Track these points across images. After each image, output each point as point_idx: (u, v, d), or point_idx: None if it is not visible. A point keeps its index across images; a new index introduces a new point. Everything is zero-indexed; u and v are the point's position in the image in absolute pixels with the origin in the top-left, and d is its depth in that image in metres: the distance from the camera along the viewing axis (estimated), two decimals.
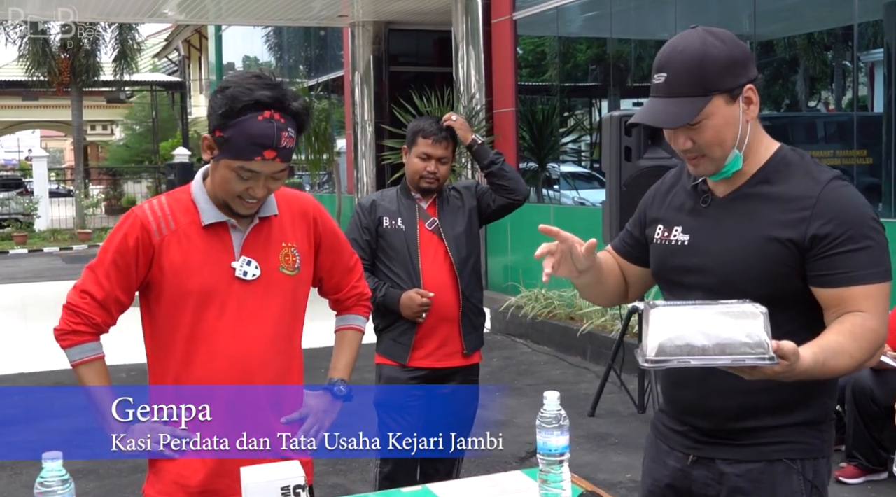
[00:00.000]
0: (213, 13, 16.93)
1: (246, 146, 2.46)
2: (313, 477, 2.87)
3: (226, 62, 26.76)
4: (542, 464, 2.40)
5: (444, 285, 4.18)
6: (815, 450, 2.31)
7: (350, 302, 3.01)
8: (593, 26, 11.65)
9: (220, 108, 2.47)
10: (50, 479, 2.06)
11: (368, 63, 15.55)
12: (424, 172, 4.18)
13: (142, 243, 2.55)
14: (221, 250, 2.60)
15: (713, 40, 2.25)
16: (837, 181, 2.26)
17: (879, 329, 2.20)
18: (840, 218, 2.21)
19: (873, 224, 2.24)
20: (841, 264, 2.21)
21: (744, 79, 2.26)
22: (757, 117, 2.32)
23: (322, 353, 9.30)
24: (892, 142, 7.47)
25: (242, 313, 2.61)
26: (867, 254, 2.21)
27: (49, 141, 57.97)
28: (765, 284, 2.26)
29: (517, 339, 9.85)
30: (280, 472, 2.35)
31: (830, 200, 2.23)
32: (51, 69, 29.15)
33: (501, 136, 12.02)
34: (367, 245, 4.23)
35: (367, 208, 4.26)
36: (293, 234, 2.72)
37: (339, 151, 17.39)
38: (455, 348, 4.21)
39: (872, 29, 7.91)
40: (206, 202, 2.60)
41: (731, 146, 2.29)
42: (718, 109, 2.25)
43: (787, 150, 2.35)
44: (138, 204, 2.68)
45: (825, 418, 2.33)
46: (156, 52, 37.07)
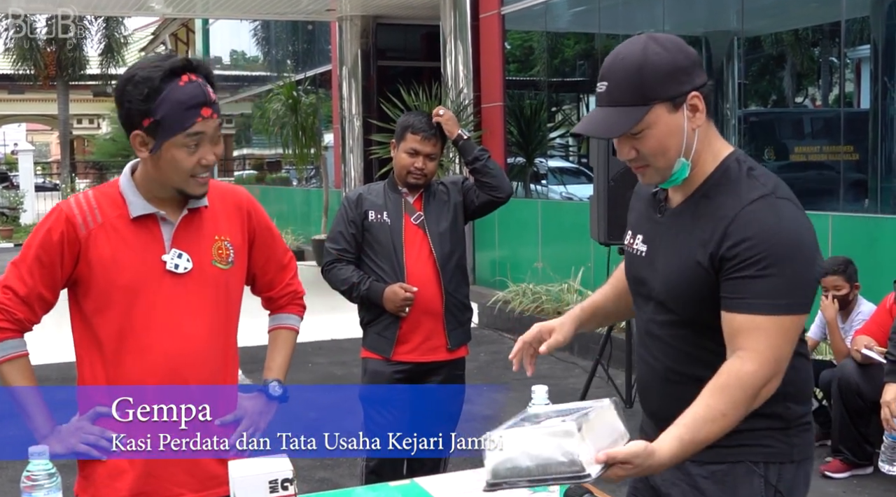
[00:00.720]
0: (200, 7, 16.88)
1: (182, 113, 2.39)
2: (296, 472, 2.86)
3: (213, 56, 26.68)
4: None
5: (428, 280, 4.19)
6: (781, 454, 2.25)
7: (284, 300, 2.92)
8: (581, 21, 11.65)
9: (137, 95, 2.38)
10: (37, 472, 2.06)
11: (356, 57, 15.52)
12: (412, 168, 4.18)
13: (67, 238, 2.46)
14: (151, 243, 2.52)
15: (655, 47, 2.17)
16: (765, 200, 2.15)
17: (759, 371, 2.10)
18: (751, 241, 2.11)
19: (791, 252, 2.11)
20: (737, 289, 2.13)
21: (687, 86, 2.18)
22: (709, 122, 2.25)
23: (308, 347, 9.20)
24: (879, 138, 7.49)
25: (174, 308, 2.53)
26: (768, 283, 2.10)
27: (35, 135, 57.73)
28: (690, 307, 2.24)
29: (505, 334, 9.85)
30: (268, 465, 2.34)
31: (745, 221, 2.13)
32: (37, 63, 29.06)
33: (489, 131, 12.01)
34: (352, 238, 4.25)
35: (354, 202, 4.28)
36: (227, 228, 2.64)
37: (326, 146, 17.35)
38: (439, 343, 4.23)
39: (859, 25, 7.94)
40: (135, 195, 2.52)
41: (675, 155, 2.21)
42: (660, 118, 2.18)
43: (732, 161, 2.25)
44: (68, 197, 2.58)
45: (794, 424, 2.27)
46: (143, 45, 36.88)
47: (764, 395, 2.12)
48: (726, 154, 2.27)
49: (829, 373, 5.64)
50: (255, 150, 24.36)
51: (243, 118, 24.78)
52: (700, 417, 2.09)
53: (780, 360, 2.13)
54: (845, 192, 7.78)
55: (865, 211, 7.51)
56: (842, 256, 5.98)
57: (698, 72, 2.21)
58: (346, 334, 9.42)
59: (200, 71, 2.46)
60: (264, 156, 23.30)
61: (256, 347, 3.73)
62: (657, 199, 2.38)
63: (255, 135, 23.41)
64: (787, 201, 2.17)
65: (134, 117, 2.41)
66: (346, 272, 4.23)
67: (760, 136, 9.10)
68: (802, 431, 2.29)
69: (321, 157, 16.66)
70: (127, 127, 2.45)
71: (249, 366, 8.44)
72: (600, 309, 2.73)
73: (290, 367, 2.91)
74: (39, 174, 37.04)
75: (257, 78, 23.38)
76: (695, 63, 2.21)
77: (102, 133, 50.70)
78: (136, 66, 2.45)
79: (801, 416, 2.29)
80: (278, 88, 16.36)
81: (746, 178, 2.21)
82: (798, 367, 2.25)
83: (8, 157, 48.71)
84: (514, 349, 2.74)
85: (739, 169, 2.23)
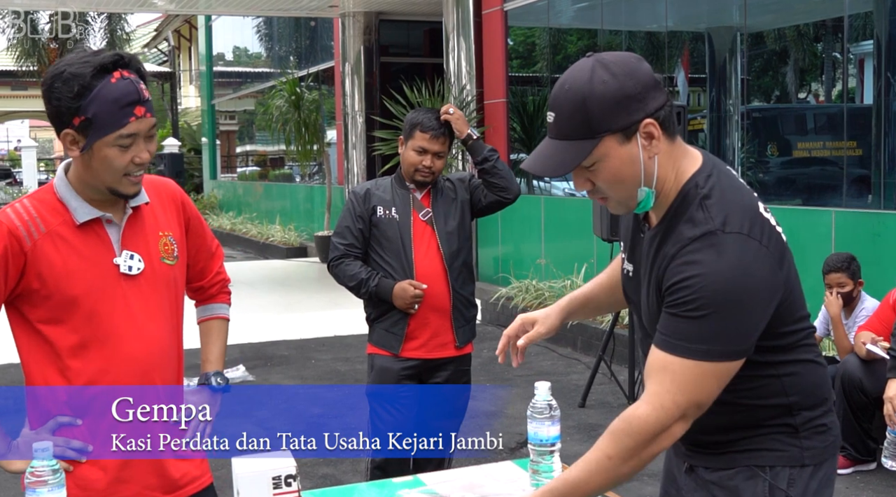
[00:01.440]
0: (203, 3, 16.87)
1: (115, 112, 2.29)
2: (299, 468, 2.87)
3: (216, 52, 26.66)
4: (533, 454, 2.41)
5: (436, 277, 4.20)
6: (791, 458, 2.18)
7: (214, 289, 2.83)
8: (584, 17, 11.65)
9: (68, 92, 2.27)
10: (41, 469, 2.06)
11: (359, 54, 15.51)
12: (420, 166, 4.18)
13: (11, 252, 2.33)
14: (101, 248, 2.42)
15: (602, 75, 2.03)
16: (706, 239, 2.02)
17: (651, 415, 2.01)
18: (682, 283, 2.01)
19: (723, 298, 1.98)
20: (662, 324, 2.06)
21: (639, 114, 2.02)
22: (673, 142, 2.12)
23: (311, 343, 9.21)
24: (882, 133, 7.49)
25: (133, 311, 2.45)
26: (691, 325, 2.00)
27: (38, 131, 57.70)
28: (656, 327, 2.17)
29: None
30: (271, 462, 2.35)
31: (681, 263, 2.03)
32: (40, 59, 29.05)
33: (492, 127, 12.01)
34: (360, 234, 4.24)
35: (362, 197, 4.26)
36: (167, 222, 2.57)
37: (329, 142, 17.35)
38: (447, 339, 4.25)
39: (862, 21, 7.93)
40: (76, 199, 2.40)
41: (633, 185, 2.09)
42: (611, 150, 2.04)
43: (692, 186, 2.10)
44: (4, 207, 2.42)
45: (804, 428, 2.20)
46: (145, 42, 36.89)
47: (664, 440, 2.04)
48: (688, 177, 2.12)
49: (832, 369, 5.64)
50: (258, 147, 24.35)
51: (246, 115, 24.78)
52: (583, 464, 2.08)
53: (682, 405, 2.02)
54: (848, 187, 7.78)
55: (868, 207, 7.50)
56: (845, 253, 5.98)
57: (652, 95, 2.05)
58: (349, 331, 9.43)
59: (132, 66, 2.35)
60: (267, 152, 23.29)
61: (262, 344, 3.73)
62: (639, 219, 2.27)
63: (257, 131, 23.41)
64: (737, 236, 2.01)
65: (64, 115, 2.30)
66: (354, 268, 4.22)
67: (763, 132, 9.09)
68: (816, 434, 2.21)
69: (324, 154, 16.66)
70: (56, 125, 2.33)
71: (253, 362, 8.48)
72: (592, 300, 2.71)
73: (294, 363, 2.91)
74: (42, 170, 37.07)
75: (260, 74, 23.37)
76: (647, 87, 2.04)
77: None
78: (65, 62, 2.32)
79: (811, 420, 2.20)
80: (281, 85, 16.35)
81: (697, 208, 2.06)
82: (802, 373, 2.19)
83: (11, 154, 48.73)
84: (500, 344, 2.68)
85: (696, 195, 2.08)
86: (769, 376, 2.15)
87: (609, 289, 2.65)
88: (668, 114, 2.08)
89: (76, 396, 2.39)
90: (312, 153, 16.34)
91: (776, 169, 8.76)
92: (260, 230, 19.55)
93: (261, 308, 11.30)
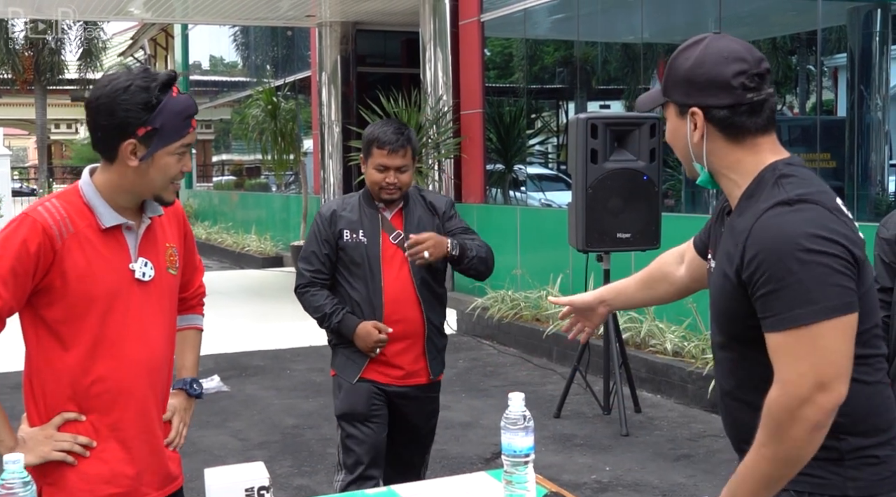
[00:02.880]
0: (179, 12, 16.83)
1: (180, 123, 2.48)
2: (273, 479, 2.88)
3: (192, 61, 26.60)
4: (507, 465, 2.40)
5: (407, 303, 4.00)
6: (832, 486, 2.11)
7: (194, 301, 2.99)
8: (560, 29, 11.68)
9: (137, 104, 2.42)
10: (12, 480, 2.04)
11: (336, 63, 15.51)
12: (384, 184, 3.96)
13: (43, 249, 2.43)
14: (120, 253, 2.55)
15: (694, 52, 2.19)
16: (779, 207, 2.05)
17: (781, 395, 2.01)
18: (761, 255, 2.03)
19: (790, 258, 1.99)
20: (761, 307, 2.05)
21: (692, 100, 2.18)
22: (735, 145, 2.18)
23: (287, 354, 9.15)
24: (855, 145, 7.55)
25: (143, 316, 2.58)
26: (779, 296, 2.00)
27: (12, 139, 57.32)
28: (729, 326, 2.19)
29: (483, 341, 9.85)
30: (244, 473, 2.34)
31: (756, 234, 2.05)
32: (15, 67, 28.94)
33: (468, 137, 12.03)
34: (326, 259, 4.03)
35: (328, 219, 4.04)
36: (172, 235, 2.73)
37: (305, 152, 17.33)
38: (418, 367, 4.07)
39: (836, 34, 7.99)
40: (103, 205, 2.53)
41: (683, 155, 2.26)
42: (670, 116, 2.26)
43: (768, 170, 2.16)
44: (32, 206, 2.54)
45: (850, 456, 2.11)
46: (121, 50, 36.73)
47: (814, 413, 1.99)
48: (765, 165, 2.17)
49: None
50: (234, 156, 24.31)
51: (222, 124, 24.72)
52: (746, 458, 2.09)
53: (807, 374, 1.99)
54: None
55: None
56: None
57: (714, 93, 2.15)
58: (324, 341, 9.36)
59: (177, 84, 2.54)
60: (243, 161, 23.24)
61: (237, 354, 3.72)
62: (723, 211, 2.32)
63: (234, 140, 23.35)
64: (810, 204, 2.05)
65: (130, 126, 2.44)
66: (319, 299, 4.04)
67: None
68: (866, 465, 2.12)
69: (300, 163, 16.64)
70: (115, 136, 2.46)
71: (228, 372, 8.44)
72: (622, 291, 2.84)
73: (269, 374, 2.95)
74: (16, 179, 36.84)
75: (237, 83, 23.33)
76: (713, 84, 2.15)
77: (80, 138, 50.42)
78: (122, 78, 2.47)
79: (861, 449, 2.11)
80: (258, 94, 16.33)
81: (773, 186, 2.11)
82: (857, 392, 2.07)
83: None
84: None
85: (772, 177, 2.14)
86: None
87: (641, 282, 2.79)
88: (731, 117, 2.15)
89: (82, 393, 2.51)
90: (289, 163, 16.32)
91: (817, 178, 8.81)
92: (235, 240, 19.49)
93: (236, 318, 11.25)
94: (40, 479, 2.49)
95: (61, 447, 2.48)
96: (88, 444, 2.52)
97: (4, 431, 2.44)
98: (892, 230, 3.39)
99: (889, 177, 7.67)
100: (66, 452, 2.49)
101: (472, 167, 12.08)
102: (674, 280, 2.71)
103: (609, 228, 6.63)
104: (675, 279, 2.70)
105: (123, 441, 2.56)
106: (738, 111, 2.14)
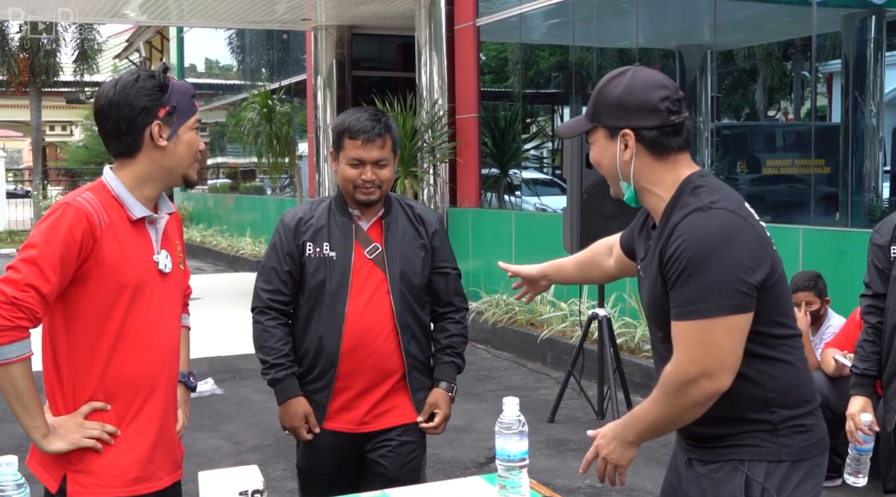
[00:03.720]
0: (174, 15, 16.81)
1: (188, 100, 2.67)
2: (267, 482, 2.91)
3: (187, 64, 26.57)
4: (501, 469, 2.41)
5: (381, 334, 3.31)
6: (768, 453, 2.39)
7: (184, 300, 3.02)
8: (556, 33, 11.70)
9: (151, 89, 2.59)
10: (5, 482, 2.04)
11: (331, 67, 15.52)
12: (359, 181, 3.27)
13: (86, 236, 2.51)
14: (145, 245, 2.66)
15: (621, 81, 2.42)
16: (697, 212, 2.31)
17: (676, 371, 2.32)
18: (676, 254, 2.31)
19: (707, 257, 2.27)
20: (672, 299, 2.34)
21: (623, 123, 2.41)
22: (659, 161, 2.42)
23: None
24: (849, 151, 7.56)
25: (163, 307, 2.69)
26: (687, 290, 2.29)
27: (7, 141, 57.21)
28: (664, 319, 2.40)
29: (477, 345, 9.85)
30: (238, 476, 2.34)
31: (676, 236, 2.32)
32: (10, 69, 28.89)
33: (464, 141, 12.03)
34: (287, 277, 3.36)
35: (291, 229, 3.38)
36: (177, 233, 2.85)
37: (300, 155, 17.31)
38: (396, 404, 3.39)
39: (831, 40, 8.01)
40: (131, 198, 2.64)
41: (611, 175, 2.49)
42: (598, 139, 2.49)
43: (685, 183, 2.41)
44: (69, 197, 2.60)
45: (782, 426, 2.40)
46: (116, 53, 36.70)
47: (697, 394, 2.31)
48: (682, 180, 2.42)
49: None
50: (230, 159, 24.28)
51: (217, 127, 24.69)
52: (644, 403, 2.44)
53: (696, 362, 2.29)
54: (816, 205, 7.84)
55: (836, 224, 7.57)
56: (811, 271, 6.02)
57: (644, 116, 2.39)
58: None
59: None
60: (238, 164, 23.22)
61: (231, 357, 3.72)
62: (647, 225, 2.58)
63: (229, 143, 23.33)
64: (723, 211, 2.31)
65: (150, 110, 2.59)
66: (270, 339, 3.37)
67: (733, 150, 9.16)
68: (795, 433, 2.41)
69: (295, 167, 16.62)
70: (140, 124, 2.59)
71: (222, 375, 8.43)
72: (563, 268, 3.18)
73: (258, 377, 3.00)
74: (11, 181, 36.78)
75: (232, 86, 23.31)
76: (642, 108, 2.39)
77: (75, 140, 50.36)
78: (126, 76, 2.64)
79: (790, 419, 2.41)
80: (253, 97, 16.30)
81: (689, 195, 2.37)
82: (776, 373, 2.40)
83: None
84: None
85: (689, 188, 2.39)
86: (747, 367, 2.35)
87: (577, 265, 3.14)
88: (657, 137, 2.40)
89: (109, 382, 2.59)
90: (283, 166, 16.29)
91: (745, 186, 8.82)
92: (230, 243, 19.45)
93: (230, 321, 11.24)
94: (66, 466, 2.58)
95: (91, 434, 2.56)
96: (114, 432, 2.60)
97: (40, 418, 2.52)
98: (886, 236, 3.44)
99: (883, 183, 7.69)
100: (95, 440, 2.57)
101: (467, 171, 12.08)
102: (604, 269, 3.06)
103: (604, 233, 6.51)
104: (605, 268, 3.05)
105: (145, 428, 2.64)
106: (664, 131, 2.40)
